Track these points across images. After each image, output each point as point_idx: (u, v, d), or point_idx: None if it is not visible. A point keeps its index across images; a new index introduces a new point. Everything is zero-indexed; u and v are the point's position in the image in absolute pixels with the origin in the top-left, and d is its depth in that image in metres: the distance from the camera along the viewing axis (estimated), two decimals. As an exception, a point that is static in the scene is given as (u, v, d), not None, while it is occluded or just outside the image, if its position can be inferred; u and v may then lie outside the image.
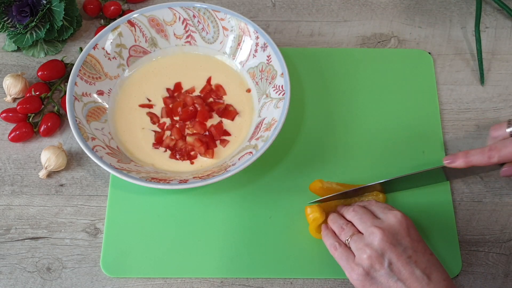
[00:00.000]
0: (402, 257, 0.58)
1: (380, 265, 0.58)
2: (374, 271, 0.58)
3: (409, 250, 0.58)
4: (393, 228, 0.59)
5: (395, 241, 0.58)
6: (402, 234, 0.59)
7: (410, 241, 0.59)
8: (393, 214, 0.60)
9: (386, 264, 0.58)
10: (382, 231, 0.58)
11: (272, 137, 0.69)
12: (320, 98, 0.80)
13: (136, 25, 0.79)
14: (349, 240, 0.61)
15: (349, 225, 0.63)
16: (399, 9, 0.90)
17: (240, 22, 0.78)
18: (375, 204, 0.65)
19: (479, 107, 0.81)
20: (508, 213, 0.73)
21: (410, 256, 0.58)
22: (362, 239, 0.60)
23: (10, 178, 0.75)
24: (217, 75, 0.80)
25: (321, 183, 0.70)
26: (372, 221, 0.60)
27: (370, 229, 0.59)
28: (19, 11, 0.81)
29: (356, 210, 0.63)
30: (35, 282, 0.69)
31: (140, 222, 0.71)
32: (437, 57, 0.85)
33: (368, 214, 0.62)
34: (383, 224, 0.60)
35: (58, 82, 0.81)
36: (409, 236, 0.59)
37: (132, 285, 0.68)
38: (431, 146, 0.77)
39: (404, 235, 0.59)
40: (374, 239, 0.58)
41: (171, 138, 0.75)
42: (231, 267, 0.69)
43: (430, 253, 0.60)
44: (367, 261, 0.58)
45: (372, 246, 0.58)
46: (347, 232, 0.62)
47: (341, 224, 0.64)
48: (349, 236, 0.62)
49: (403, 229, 0.59)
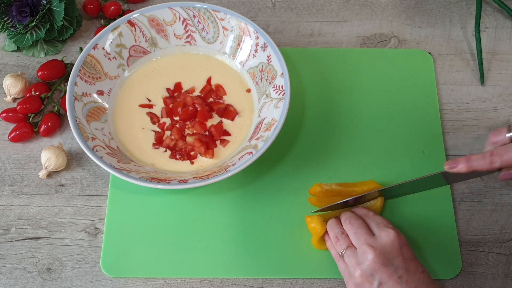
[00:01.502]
0: (393, 277, 0.59)
1: (370, 284, 0.59)
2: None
3: (400, 270, 0.59)
4: (385, 248, 0.60)
5: (386, 261, 0.59)
6: (394, 254, 0.59)
7: (402, 260, 0.59)
8: (387, 232, 0.61)
9: (376, 284, 0.59)
10: (374, 251, 0.59)
11: (272, 137, 0.69)
12: (320, 98, 0.80)
13: (136, 25, 0.79)
14: (343, 253, 0.63)
15: (343, 236, 0.64)
16: (399, 9, 0.90)
17: (240, 22, 0.78)
18: (372, 217, 0.65)
19: (479, 107, 0.81)
20: (508, 213, 0.73)
21: (401, 276, 0.59)
22: (355, 255, 0.61)
23: (10, 178, 0.75)
24: (217, 75, 0.80)
25: (320, 187, 0.70)
26: (365, 238, 0.61)
27: (363, 247, 0.60)
28: (19, 11, 0.81)
29: (352, 223, 0.64)
30: (35, 282, 0.69)
31: (140, 222, 0.71)
32: (437, 57, 0.85)
33: (362, 228, 0.63)
34: (376, 243, 0.60)
35: (58, 82, 0.81)
36: (401, 255, 0.60)
37: (132, 285, 0.68)
38: (431, 146, 0.77)
39: (396, 255, 0.59)
40: (366, 258, 0.59)
41: (171, 138, 0.75)
42: (231, 267, 0.69)
43: (422, 271, 0.60)
44: (358, 279, 0.60)
45: (363, 266, 0.60)
46: (341, 244, 0.63)
47: (336, 234, 0.65)
48: (343, 249, 0.63)
49: (395, 249, 0.60)
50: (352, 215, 0.65)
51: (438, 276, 0.69)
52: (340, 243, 0.64)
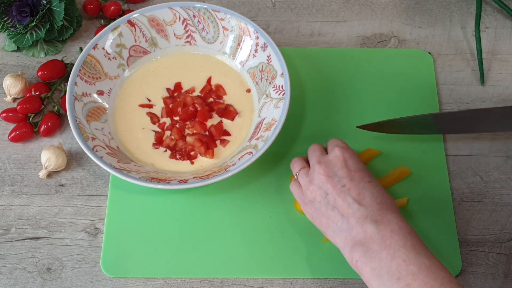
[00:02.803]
0: (337, 186, 0.62)
1: (320, 197, 0.63)
2: (317, 203, 0.63)
3: (343, 179, 0.62)
4: (331, 162, 0.63)
5: (331, 173, 0.63)
6: (338, 166, 0.63)
7: (347, 171, 0.62)
8: (334, 149, 0.65)
9: (324, 194, 0.62)
10: (321, 165, 0.63)
11: (272, 137, 0.69)
12: (320, 98, 0.80)
13: (136, 25, 0.79)
14: (297, 174, 0.67)
15: (300, 161, 0.68)
16: (399, 9, 0.90)
17: (240, 22, 0.78)
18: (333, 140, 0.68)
19: (479, 107, 0.81)
20: (508, 213, 0.73)
21: (344, 185, 0.61)
22: (307, 174, 0.65)
23: (10, 178, 0.75)
24: (217, 75, 0.80)
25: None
26: (318, 157, 0.65)
27: (314, 166, 0.64)
28: (19, 11, 0.81)
29: (311, 148, 0.68)
30: (35, 282, 0.69)
31: (140, 222, 0.71)
32: (437, 57, 0.85)
33: (318, 150, 0.67)
34: (324, 159, 0.64)
35: (58, 82, 0.81)
36: (346, 167, 0.63)
37: (132, 285, 0.68)
38: (431, 146, 0.77)
39: (340, 167, 0.63)
40: (315, 174, 0.64)
41: (171, 138, 0.75)
42: (231, 267, 0.69)
43: (368, 181, 0.62)
44: (310, 195, 0.64)
45: (313, 181, 0.63)
46: (295, 167, 0.68)
47: (295, 161, 0.69)
48: (297, 171, 0.67)
49: (339, 162, 0.63)
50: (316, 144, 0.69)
51: (438, 276, 0.69)
52: (294, 166, 0.68)
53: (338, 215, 0.61)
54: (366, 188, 0.61)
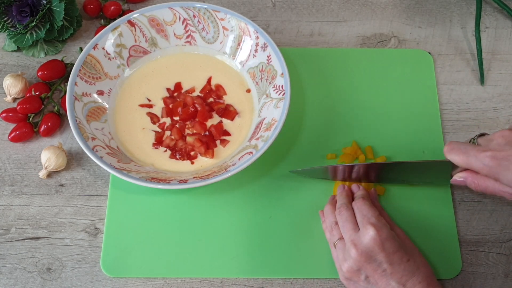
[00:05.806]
0: (377, 271, 0.61)
1: (357, 277, 0.63)
2: (354, 281, 0.63)
3: (383, 264, 0.61)
4: (367, 246, 0.61)
5: (369, 259, 0.61)
6: (376, 251, 0.61)
7: (385, 255, 0.61)
8: (367, 230, 0.62)
9: (363, 277, 0.62)
10: (357, 250, 0.61)
11: (272, 137, 0.69)
12: (320, 98, 0.80)
13: (136, 25, 0.79)
14: (336, 243, 0.66)
15: (336, 227, 0.66)
16: (399, 9, 0.90)
17: (240, 22, 0.78)
18: (360, 207, 0.65)
19: (479, 107, 0.81)
20: (508, 213, 0.73)
21: (385, 270, 0.61)
22: (343, 249, 0.64)
23: (10, 178, 0.75)
24: (217, 75, 0.80)
25: None
26: (350, 234, 0.63)
27: (348, 244, 0.63)
28: (19, 11, 0.81)
29: (341, 213, 0.66)
30: (35, 282, 0.69)
31: (140, 222, 0.71)
32: (437, 57, 0.85)
33: (349, 223, 0.64)
34: (359, 241, 0.62)
35: (58, 82, 0.81)
36: (384, 251, 0.61)
37: (132, 285, 0.68)
38: (431, 146, 0.77)
39: (378, 251, 0.61)
40: (350, 256, 0.62)
41: (171, 138, 0.75)
42: (231, 267, 0.69)
43: (406, 260, 0.62)
44: (347, 274, 0.63)
45: (349, 262, 0.62)
46: (334, 235, 0.66)
47: (331, 223, 0.67)
48: (336, 240, 0.66)
49: (377, 246, 0.61)
50: (344, 203, 0.67)
51: (438, 276, 0.69)
52: (333, 234, 0.67)
53: None
54: (407, 269, 0.61)
